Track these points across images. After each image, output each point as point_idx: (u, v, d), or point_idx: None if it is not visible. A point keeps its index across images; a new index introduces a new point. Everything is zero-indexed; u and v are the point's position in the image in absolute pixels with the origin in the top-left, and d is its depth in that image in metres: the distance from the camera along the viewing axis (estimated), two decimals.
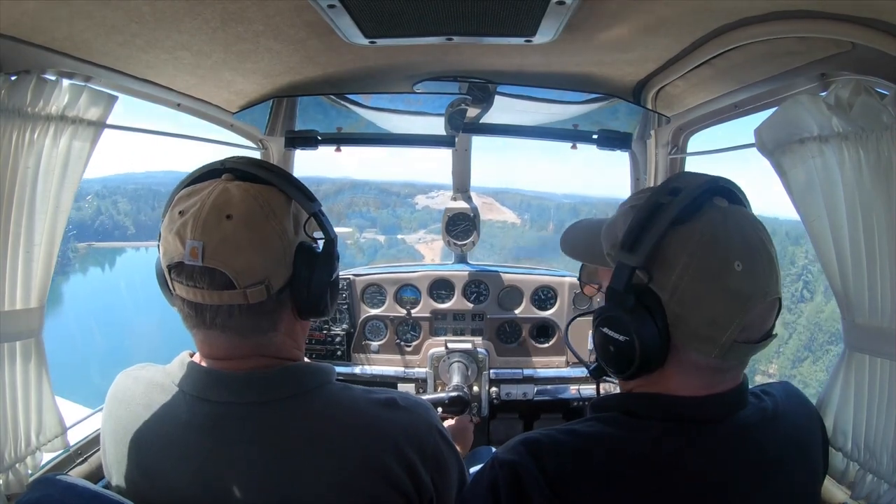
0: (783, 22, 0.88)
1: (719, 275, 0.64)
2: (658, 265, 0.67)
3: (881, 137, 0.85)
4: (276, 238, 0.73)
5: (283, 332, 0.77)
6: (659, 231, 0.66)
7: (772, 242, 0.68)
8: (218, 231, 0.69)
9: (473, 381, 1.93)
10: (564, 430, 0.71)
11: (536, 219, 43.64)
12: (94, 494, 0.69)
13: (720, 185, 0.70)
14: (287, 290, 0.75)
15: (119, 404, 0.78)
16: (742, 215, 0.68)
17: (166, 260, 0.72)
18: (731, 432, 0.69)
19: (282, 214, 0.74)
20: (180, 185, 0.78)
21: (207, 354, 0.76)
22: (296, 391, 0.74)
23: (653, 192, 0.71)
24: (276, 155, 1.93)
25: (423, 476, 0.75)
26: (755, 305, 0.65)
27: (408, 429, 0.76)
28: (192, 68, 1.18)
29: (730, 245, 0.65)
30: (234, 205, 0.71)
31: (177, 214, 0.71)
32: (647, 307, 0.67)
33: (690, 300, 0.65)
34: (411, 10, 0.92)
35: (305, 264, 0.75)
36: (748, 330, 0.66)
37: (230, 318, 0.71)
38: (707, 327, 0.65)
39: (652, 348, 0.67)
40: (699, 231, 0.66)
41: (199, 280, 0.69)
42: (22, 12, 0.83)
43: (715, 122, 1.52)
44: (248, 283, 0.70)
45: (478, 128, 1.93)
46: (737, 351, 0.66)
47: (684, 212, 0.67)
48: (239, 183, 0.74)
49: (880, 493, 0.93)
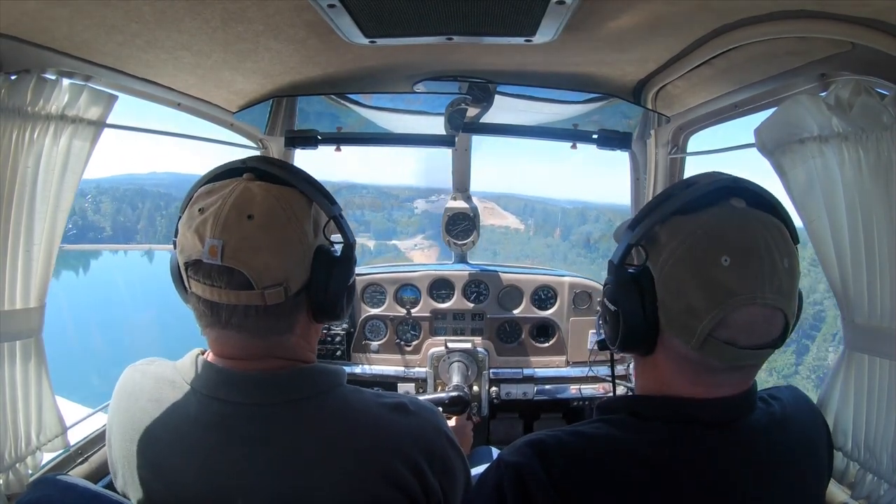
0: (783, 22, 0.88)
1: (703, 264, 0.65)
2: (653, 247, 0.70)
3: (881, 137, 0.85)
4: (297, 240, 0.73)
5: (298, 334, 0.77)
6: (659, 216, 0.70)
7: (789, 255, 0.66)
8: (238, 230, 0.68)
9: (473, 381, 1.94)
10: (570, 431, 0.71)
11: (542, 224, 41.91)
12: (95, 495, 0.69)
13: (741, 186, 0.70)
14: (304, 293, 0.75)
15: (128, 398, 0.78)
16: (755, 218, 0.67)
17: (183, 257, 0.71)
18: (739, 436, 0.69)
19: (302, 217, 0.74)
20: (199, 182, 0.77)
21: (220, 353, 0.75)
22: (308, 393, 0.74)
23: (673, 184, 0.74)
24: (275, 155, 1.93)
25: (431, 480, 0.75)
26: (740, 305, 0.64)
27: (417, 434, 0.76)
28: (192, 68, 1.18)
29: (723, 239, 0.65)
30: (256, 205, 0.70)
31: (196, 212, 0.71)
32: (637, 283, 0.70)
33: (673, 284, 0.67)
34: (411, 10, 0.92)
35: (324, 268, 0.75)
36: (730, 329, 0.64)
37: (246, 318, 0.71)
38: (685, 314, 0.66)
39: (636, 321, 0.70)
40: (698, 222, 0.67)
41: (216, 279, 0.69)
42: (22, 12, 0.83)
43: (715, 122, 1.52)
44: (266, 285, 0.69)
45: (478, 127, 1.93)
46: (717, 348, 0.65)
47: (691, 203, 0.69)
48: (260, 183, 0.73)
49: (880, 493, 0.93)
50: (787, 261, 0.66)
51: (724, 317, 0.64)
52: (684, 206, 0.69)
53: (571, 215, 37.80)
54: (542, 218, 42.18)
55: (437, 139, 2.03)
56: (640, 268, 0.71)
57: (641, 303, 0.70)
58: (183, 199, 0.77)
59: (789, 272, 0.66)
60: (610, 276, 0.75)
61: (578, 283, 2.07)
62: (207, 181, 0.77)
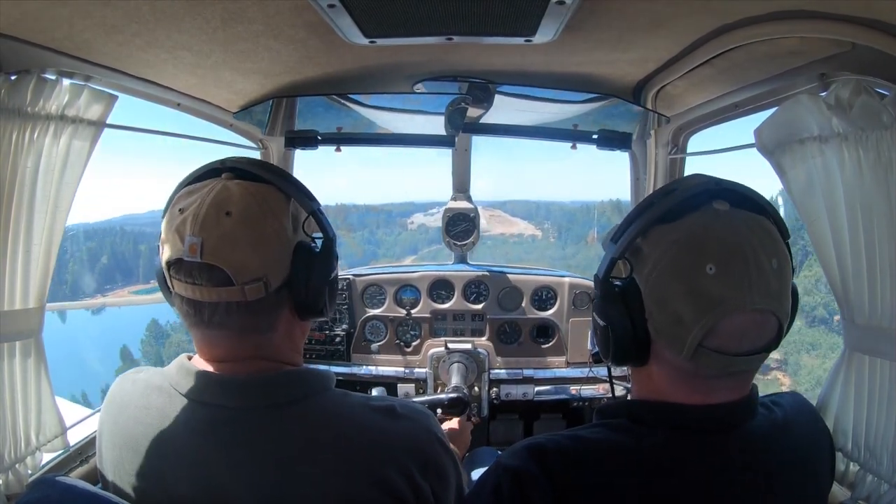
0: (783, 22, 0.88)
1: (688, 274, 0.64)
2: (637, 259, 0.70)
3: (881, 137, 0.85)
4: (275, 236, 0.73)
5: (281, 332, 0.77)
6: (640, 226, 0.69)
7: (777, 254, 0.65)
8: (217, 228, 0.69)
9: (473, 382, 1.93)
10: (569, 435, 0.71)
11: (568, 226, 32.95)
12: (94, 495, 0.69)
13: (723, 187, 0.69)
14: (285, 289, 0.75)
15: (116, 407, 0.78)
16: (739, 220, 0.65)
17: (166, 257, 0.72)
18: (739, 443, 0.69)
19: (280, 213, 0.75)
20: (181, 184, 0.78)
21: (207, 356, 0.76)
22: (295, 396, 0.73)
23: (654, 191, 0.73)
24: (276, 155, 1.93)
25: (422, 484, 0.75)
26: (728, 312, 0.62)
27: (408, 438, 0.75)
28: (192, 68, 1.18)
29: (706, 246, 0.64)
30: (234, 202, 0.71)
31: (177, 212, 0.72)
32: (624, 296, 0.69)
33: (659, 295, 0.67)
34: (411, 10, 0.92)
35: (304, 263, 0.75)
36: (721, 338, 0.63)
37: (228, 315, 0.71)
38: (674, 325, 0.65)
39: (625, 336, 0.70)
40: (679, 230, 0.66)
41: (197, 277, 0.70)
42: (22, 12, 0.83)
43: (715, 122, 1.52)
44: (246, 280, 0.70)
45: (478, 127, 1.93)
46: (708, 357, 0.64)
47: (672, 211, 0.68)
48: (239, 181, 0.74)
49: (880, 494, 0.93)
50: (776, 261, 0.64)
51: (714, 325, 0.63)
52: (665, 214, 0.68)
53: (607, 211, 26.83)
54: (564, 221, 34.34)
55: (437, 139, 2.03)
56: (626, 280, 0.70)
57: (630, 316, 0.69)
58: (166, 202, 0.77)
59: (778, 273, 0.64)
60: (596, 290, 0.74)
61: (578, 284, 2.07)
62: (188, 183, 0.78)
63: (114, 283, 30.03)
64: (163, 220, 0.75)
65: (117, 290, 29.87)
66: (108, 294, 29.86)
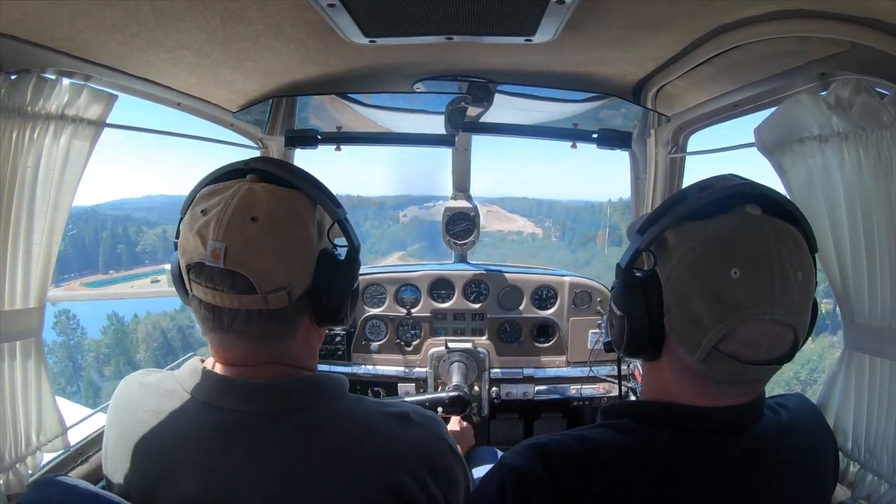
0: (783, 22, 0.88)
1: (711, 276, 0.63)
2: (662, 252, 0.68)
3: (881, 137, 0.85)
4: (301, 244, 0.71)
5: (299, 339, 0.76)
6: (668, 220, 0.67)
7: (804, 267, 0.63)
8: (241, 233, 0.67)
9: (474, 381, 1.93)
10: (574, 435, 0.70)
11: (572, 225, 30.04)
12: (95, 495, 0.68)
13: (758, 192, 0.67)
14: (307, 298, 0.73)
15: (125, 411, 0.76)
16: (770, 228, 0.63)
17: (185, 259, 0.70)
18: (745, 445, 0.68)
19: (307, 219, 0.73)
20: (202, 182, 0.76)
21: (222, 360, 0.74)
22: (310, 402, 0.72)
23: (688, 186, 0.72)
24: (275, 154, 1.93)
25: (433, 490, 0.74)
26: (747, 320, 0.62)
27: (421, 445, 0.75)
28: (192, 67, 1.18)
29: (733, 250, 0.62)
30: (260, 207, 0.69)
31: (199, 213, 0.70)
32: (645, 288, 0.69)
33: (680, 293, 0.66)
34: (411, 10, 0.92)
35: (328, 272, 0.74)
36: (736, 344, 0.63)
37: (248, 323, 0.70)
38: (690, 324, 0.65)
39: (641, 328, 0.69)
40: (709, 229, 0.65)
41: (219, 282, 0.68)
42: (22, 12, 0.83)
43: (715, 121, 1.52)
44: (269, 289, 0.68)
45: (478, 127, 1.93)
46: (721, 361, 0.63)
47: (704, 209, 0.66)
48: (265, 185, 0.72)
49: (881, 493, 0.93)
50: (801, 273, 0.63)
51: (730, 331, 0.62)
52: (697, 210, 0.67)
53: (619, 209, 24.03)
54: (569, 219, 31.54)
55: (437, 138, 2.03)
56: (648, 273, 0.70)
57: (647, 309, 0.68)
58: (184, 200, 0.76)
59: (803, 286, 0.63)
60: (617, 279, 0.73)
61: (579, 283, 2.07)
62: (209, 182, 0.75)
63: (68, 272, 27.06)
64: (181, 220, 0.73)
65: (70, 283, 26.80)
66: (61, 286, 26.45)
